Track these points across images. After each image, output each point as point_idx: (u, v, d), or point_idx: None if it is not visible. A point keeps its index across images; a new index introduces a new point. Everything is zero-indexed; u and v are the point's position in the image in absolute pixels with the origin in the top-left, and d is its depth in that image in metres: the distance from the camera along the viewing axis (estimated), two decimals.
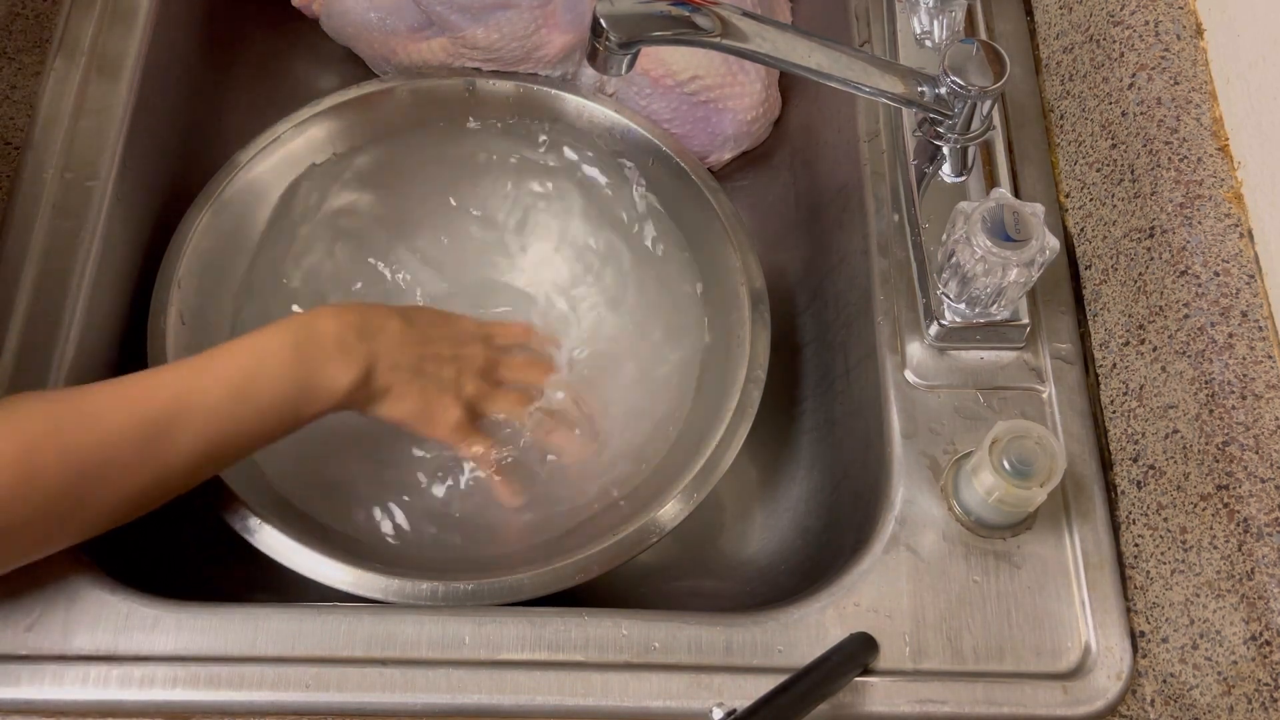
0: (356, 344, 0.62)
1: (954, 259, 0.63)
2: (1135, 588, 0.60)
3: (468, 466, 0.72)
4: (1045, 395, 0.65)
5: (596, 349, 0.81)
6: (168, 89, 0.78)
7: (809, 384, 0.79)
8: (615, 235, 0.81)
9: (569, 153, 0.81)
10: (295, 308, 0.78)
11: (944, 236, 0.64)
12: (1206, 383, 0.56)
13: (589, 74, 0.81)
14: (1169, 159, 0.61)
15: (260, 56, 0.91)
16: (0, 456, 0.51)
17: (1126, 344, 0.63)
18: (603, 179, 0.81)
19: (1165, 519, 0.58)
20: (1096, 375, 0.65)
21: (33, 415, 0.53)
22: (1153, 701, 0.58)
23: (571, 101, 0.80)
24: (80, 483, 0.53)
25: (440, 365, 0.67)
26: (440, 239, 0.83)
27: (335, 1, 0.83)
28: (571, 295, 0.82)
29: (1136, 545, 0.60)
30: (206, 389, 0.57)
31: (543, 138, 0.81)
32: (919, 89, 0.64)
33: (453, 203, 0.82)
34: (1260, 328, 0.56)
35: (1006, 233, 0.59)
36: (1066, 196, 0.70)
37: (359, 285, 0.81)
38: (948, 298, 0.65)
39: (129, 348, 0.70)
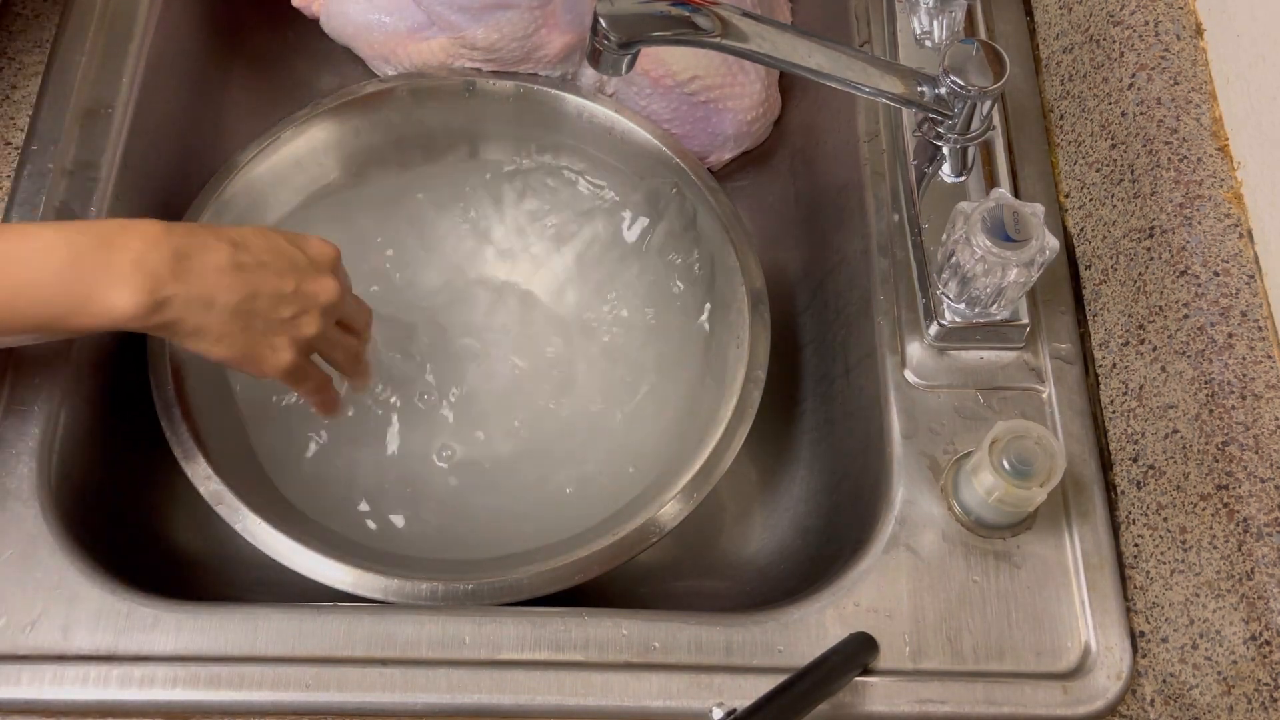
0: (157, 272, 0.54)
1: (954, 259, 0.63)
2: (1135, 588, 0.60)
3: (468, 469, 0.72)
4: (1045, 395, 0.65)
5: (596, 349, 0.81)
6: (168, 89, 0.78)
7: (809, 384, 0.79)
8: (614, 235, 0.81)
9: (569, 153, 0.81)
10: None
11: (944, 236, 0.64)
12: (1206, 383, 0.56)
13: (589, 74, 0.81)
14: (1169, 159, 0.61)
15: (261, 56, 0.91)
16: None
17: (1126, 344, 0.63)
18: (603, 179, 0.81)
19: (1165, 519, 0.58)
20: (1096, 375, 0.65)
21: None
22: (1153, 701, 0.58)
23: (571, 102, 0.80)
24: None
25: (275, 303, 0.59)
26: (439, 238, 0.83)
27: (335, 2, 0.83)
28: (571, 295, 0.82)
29: (1136, 545, 0.60)
30: None
31: (543, 138, 0.81)
32: (919, 89, 0.64)
33: (452, 202, 0.82)
34: (1260, 328, 0.56)
35: (1006, 233, 0.59)
36: (1066, 196, 0.70)
37: (360, 283, 0.81)
38: (948, 298, 0.65)
39: (129, 348, 0.71)
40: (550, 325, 0.81)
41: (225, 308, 0.57)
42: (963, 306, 0.65)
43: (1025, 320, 0.65)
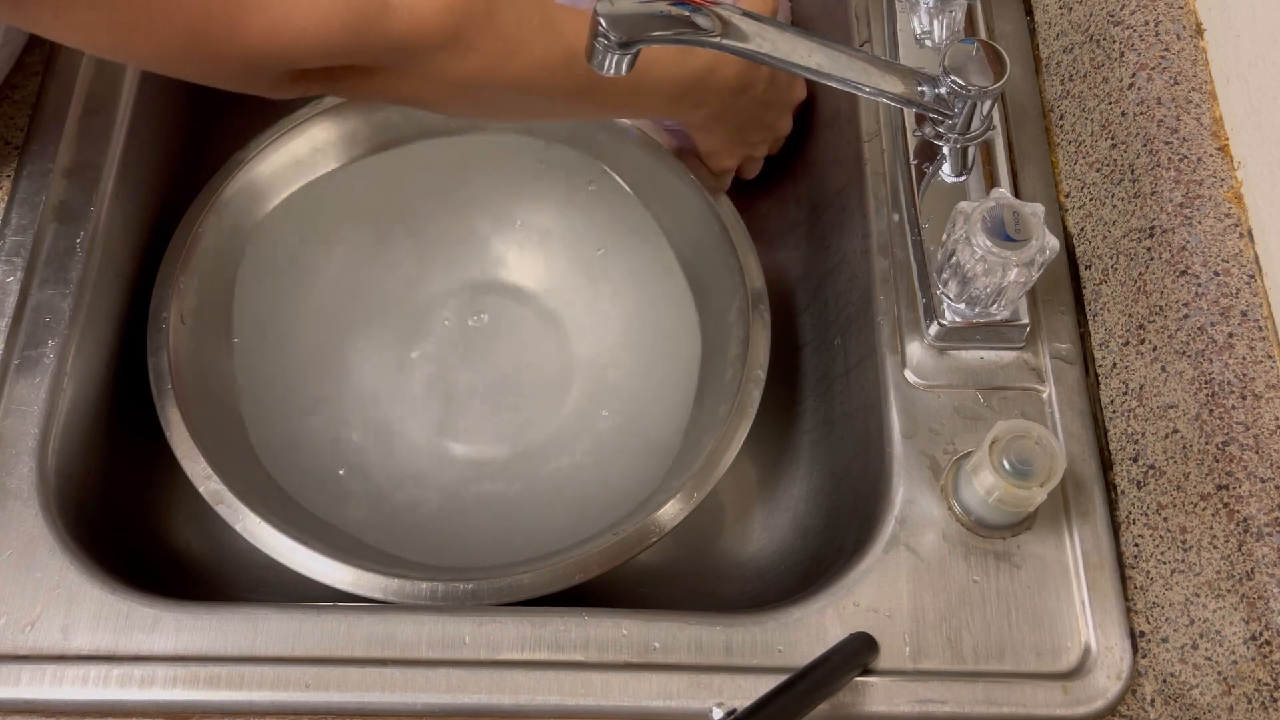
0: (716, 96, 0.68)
1: (954, 259, 0.63)
2: (1135, 588, 0.60)
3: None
4: (1045, 395, 0.65)
5: (596, 349, 0.81)
6: (168, 89, 0.78)
7: (809, 384, 0.79)
8: (614, 235, 0.81)
9: (569, 153, 0.81)
10: (296, 309, 0.78)
11: (944, 236, 0.64)
12: (1206, 383, 0.56)
13: None
14: (1169, 159, 0.61)
15: None
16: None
17: (1126, 344, 0.63)
18: (603, 179, 0.81)
19: (1165, 519, 0.58)
20: (1096, 375, 0.65)
21: None
22: (1153, 701, 0.58)
23: None
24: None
25: (756, 132, 0.75)
26: (440, 238, 0.83)
27: None
28: (571, 295, 0.82)
29: (1136, 545, 0.60)
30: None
31: (543, 138, 0.81)
32: (919, 89, 0.64)
33: (453, 202, 0.82)
34: (1260, 328, 0.57)
35: (1006, 233, 0.59)
36: (1066, 196, 0.70)
37: (360, 283, 0.81)
38: (948, 298, 0.65)
39: (129, 348, 0.71)
40: (550, 324, 0.81)
41: (728, 125, 0.72)
42: (963, 306, 0.65)
43: (1025, 320, 0.65)
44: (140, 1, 0.44)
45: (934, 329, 0.65)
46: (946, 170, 0.69)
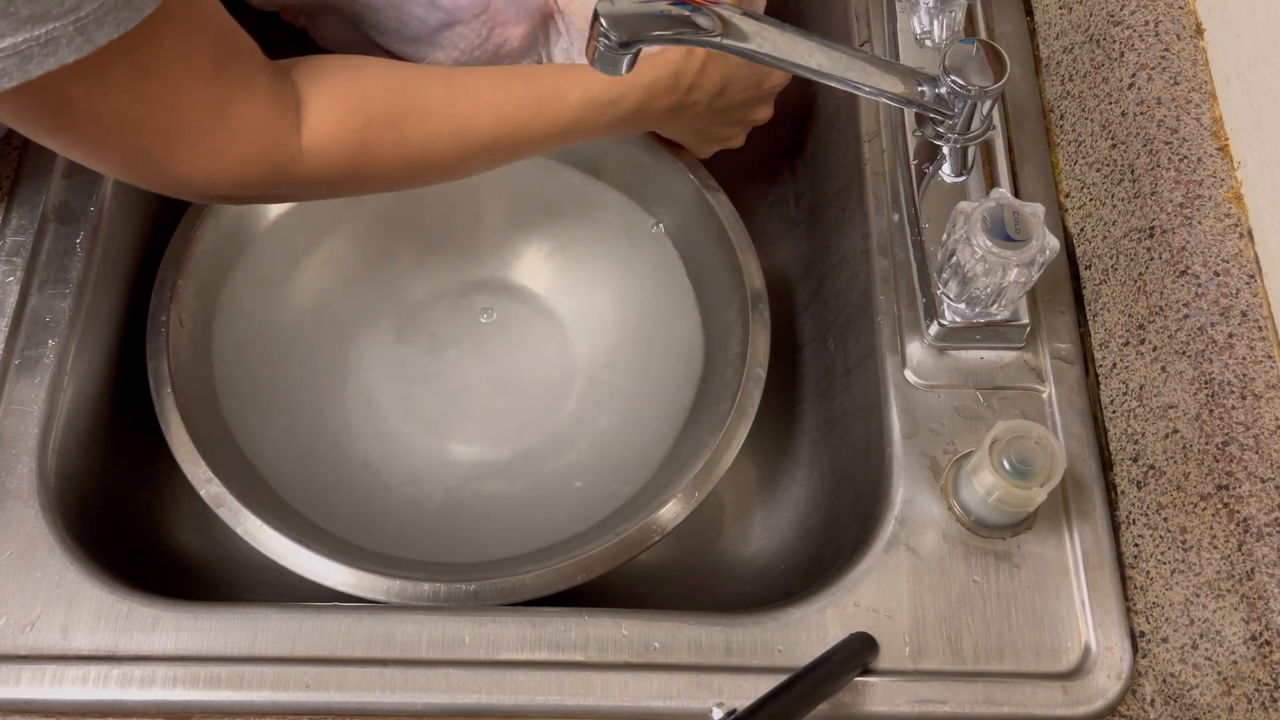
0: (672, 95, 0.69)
1: (954, 259, 0.63)
2: (1135, 588, 0.60)
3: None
4: (1045, 395, 0.65)
5: (597, 349, 0.81)
6: None
7: (809, 384, 0.79)
8: (615, 235, 0.81)
9: (569, 156, 0.81)
10: (295, 311, 0.78)
11: (944, 236, 0.64)
12: (1206, 383, 0.56)
13: (559, 53, 0.80)
14: (1169, 159, 0.61)
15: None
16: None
17: (1126, 344, 0.63)
18: (603, 180, 0.81)
19: (1165, 519, 0.58)
20: (1096, 375, 0.65)
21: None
22: (1153, 701, 0.58)
23: None
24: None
25: (728, 128, 0.76)
26: (440, 239, 0.83)
27: (320, 29, 0.82)
28: (572, 295, 0.82)
29: (1136, 545, 0.60)
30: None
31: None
32: (919, 89, 0.64)
33: (453, 204, 0.82)
34: (1260, 328, 0.57)
35: (1006, 233, 0.59)
36: (1066, 196, 0.70)
37: (360, 284, 0.81)
38: (948, 298, 0.65)
39: (129, 348, 0.71)
40: (550, 324, 0.81)
41: (691, 130, 0.74)
42: (963, 306, 0.65)
43: (1025, 320, 0.65)
44: (91, 136, 0.51)
45: (934, 329, 0.65)
46: (946, 170, 0.69)
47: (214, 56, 0.52)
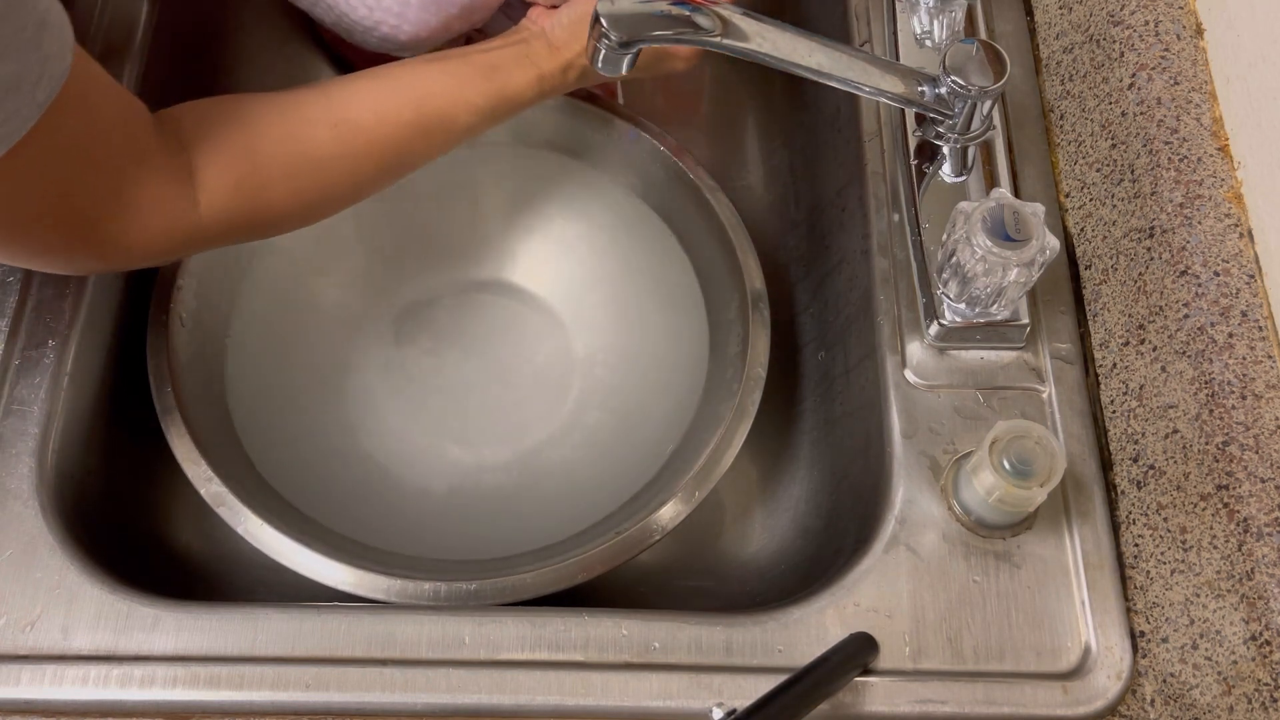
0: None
1: (954, 259, 0.63)
2: (1135, 588, 0.60)
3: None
4: (1045, 395, 0.65)
5: (597, 349, 0.81)
6: (168, 88, 0.78)
7: (809, 384, 0.79)
8: (615, 235, 0.81)
9: (569, 157, 0.81)
10: (296, 309, 0.78)
11: (944, 236, 0.64)
12: (1206, 383, 0.56)
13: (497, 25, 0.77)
14: (1169, 159, 0.61)
15: (262, 58, 0.91)
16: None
17: (1126, 344, 0.63)
18: (602, 179, 0.81)
19: (1165, 519, 0.58)
20: (1096, 375, 0.65)
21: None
22: (1153, 701, 0.58)
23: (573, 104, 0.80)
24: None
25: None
26: (442, 240, 0.83)
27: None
28: (572, 295, 0.82)
29: (1136, 545, 0.60)
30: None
31: (542, 143, 0.81)
32: (919, 89, 0.64)
33: (455, 205, 0.82)
34: (1260, 328, 0.57)
35: (1006, 233, 0.59)
36: (1066, 196, 0.70)
37: (360, 283, 0.81)
38: (948, 298, 0.65)
39: (129, 349, 0.71)
40: (550, 322, 0.82)
41: None
42: (963, 306, 0.65)
43: (1025, 320, 0.65)
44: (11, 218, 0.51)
45: (934, 329, 0.65)
46: (946, 170, 0.69)
47: (108, 145, 0.53)
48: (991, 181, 0.68)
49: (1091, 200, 0.67)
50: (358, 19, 0.72)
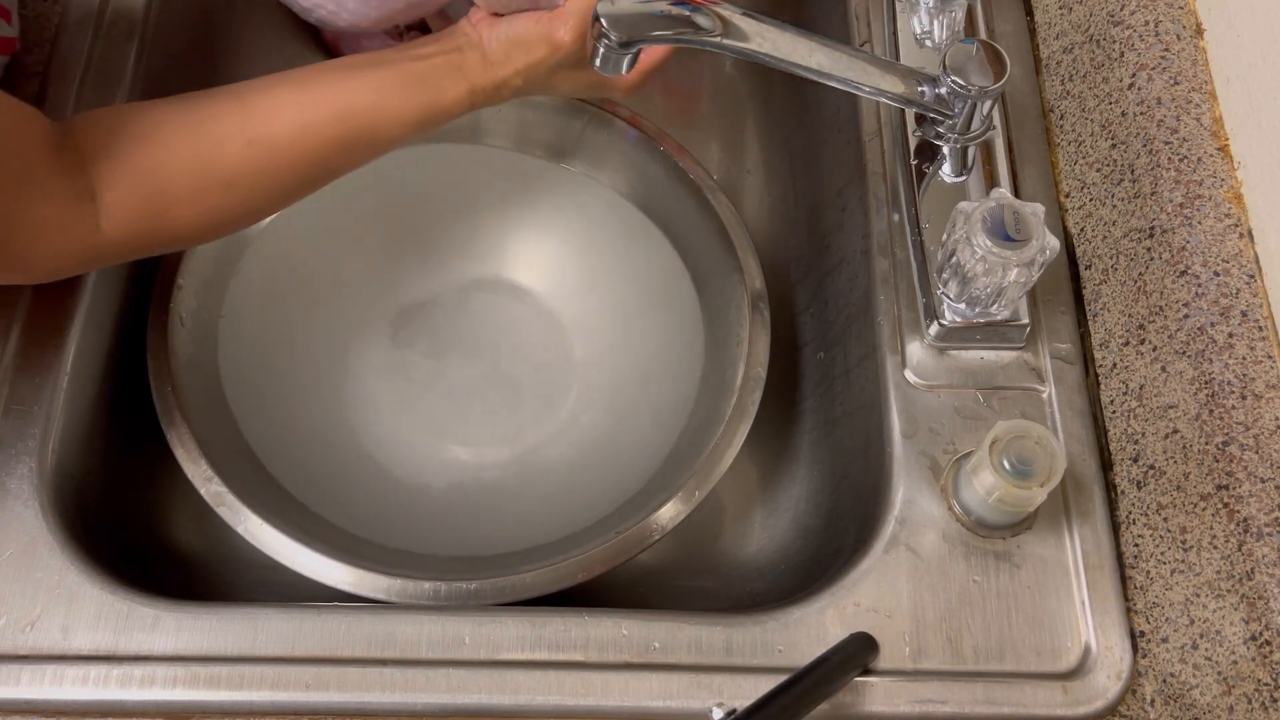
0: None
1: (954, 259, 0.63)
2: (1135, 588, 0.60)
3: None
4: (1045, 395, 0.65)
5: (597, 348, 0.81)
6: (166, 89, 0.78)
7: (809, 384, 0.79)
8: (614, 236, 0.81)
9: (568, 159, 0.81)
10: (295, 309, 0.78)
11: (944, 236, 0.64)
12: (1206, 383, 0.56)
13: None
14: (1169, 159, 0.61)
15: (261, 60, 0.91)
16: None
17: (1126, 344, 0.63)
18: (602, 180, 0.81)
19: (1165, 519, 0.58)
20: (1096, 375, 0.65)
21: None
22: (1153, 701, 0.58)
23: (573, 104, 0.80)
24: None
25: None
26: (441, 240, 0.83)
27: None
28: (571, 295, 0.82)
29: (1136, 545, 0.60)
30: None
31: (541, 145, 0.81)
32: (919, 89, 0.64)
33: (455, 206, 0.82)
34: (1260, 328, 0.57)
35: (1006, 233, 0.59)
36: (1066, 196, 0.70)
37: (359, 284, 0.81)
38: (948, 298, 0.65)
39: (129, 348, 0.71)
40: (549, 322, 0.82)
41: None
42: (963, 306, 0.65)
43: (1025, 320, 0.65)
44: None
45: (934, 329, 0.65)
46: (946, 170, 0.69)
47: (5, 169, 0.51)
48: (991, 181, 0.68)
49: (1091, 200, 0.67)
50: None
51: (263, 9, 0.89)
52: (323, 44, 0.88)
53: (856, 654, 0.57)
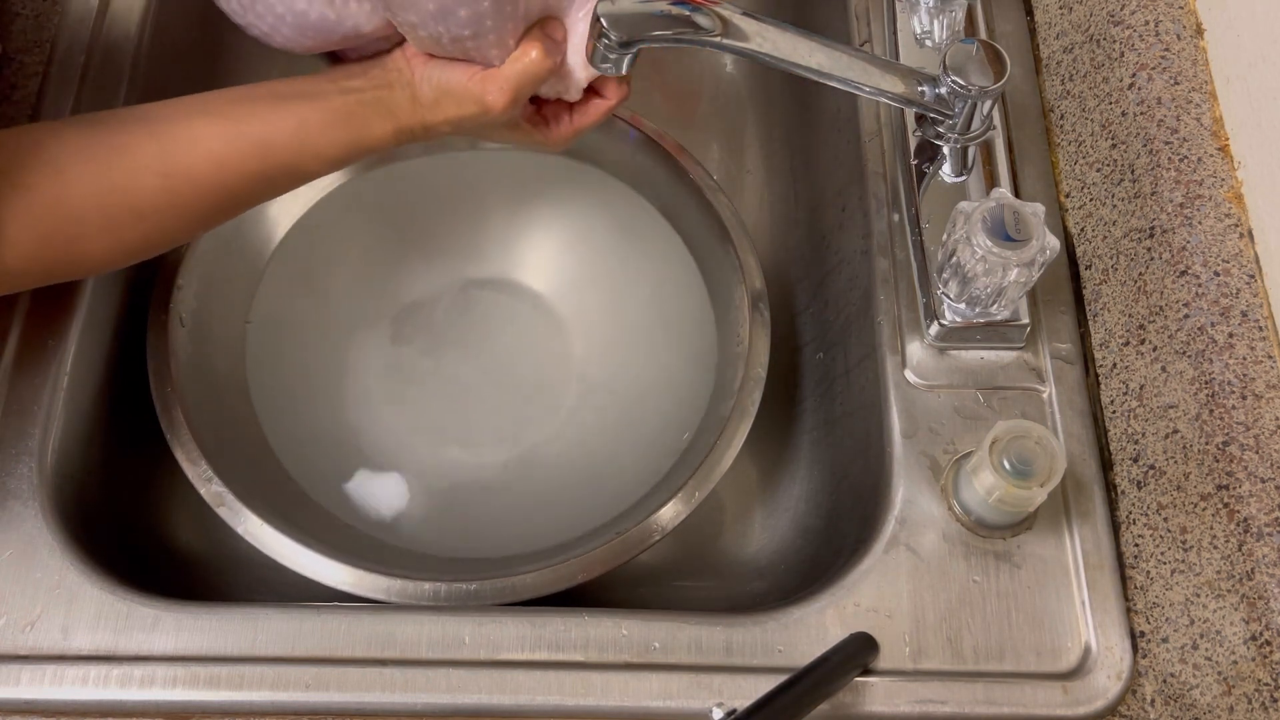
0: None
1: (954, 259, 0.63)
2: (1135, 588, 0.60)
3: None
4: (1045, 395, 0.65)
5: (600, 349, 0.81)
6: (167, 89, 0.78)
7: (809, 384, 0.79)
8: (614, 235, 0.81)
9: (570, 161, 0.81)
10: (294, 308, 0.78)
11: (944, 236, 0.64)
12: (1206, 383, 0.56)
13: None
14: (1169, 159, 0.61)
15: (260, 59, 0.91)
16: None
17: (1126, 344, 0.63)
18: (602, 179, 0.81)
19: (1165, 519, 0.58)
20: (1096, 375, 0.65)
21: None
22: (1153, 701, 0.58)
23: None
24: None
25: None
26: (443, 236, 0.83)
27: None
28: (571, 295, 0.82)
29: (1136, 545, 0.60)
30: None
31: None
32: (919, 89, 0.64)
33: (458, 209, 0.82)
34: (1260, 328, 0.57)
35: (1007, 233, 0.59)
36: (1066, 196, 0.70)
37: (359, 283, 0.81)
38: (948, 298, 0.65)
39: (129, 348, 0.71)
40: (550, 322, 0.81)
41: None
42: (963, 306, 0.65)
43: (1025, 320, 0.65)
44: None
45: (934, 329, 0.65)
46: (946, 170, 0.69)
47: None
48: (991, 181, 0.68)
49: (1091, 200, 0.67)
50: (230, 10, 0.70)
51: None
52: None
53: (856, 654, 0.57)
